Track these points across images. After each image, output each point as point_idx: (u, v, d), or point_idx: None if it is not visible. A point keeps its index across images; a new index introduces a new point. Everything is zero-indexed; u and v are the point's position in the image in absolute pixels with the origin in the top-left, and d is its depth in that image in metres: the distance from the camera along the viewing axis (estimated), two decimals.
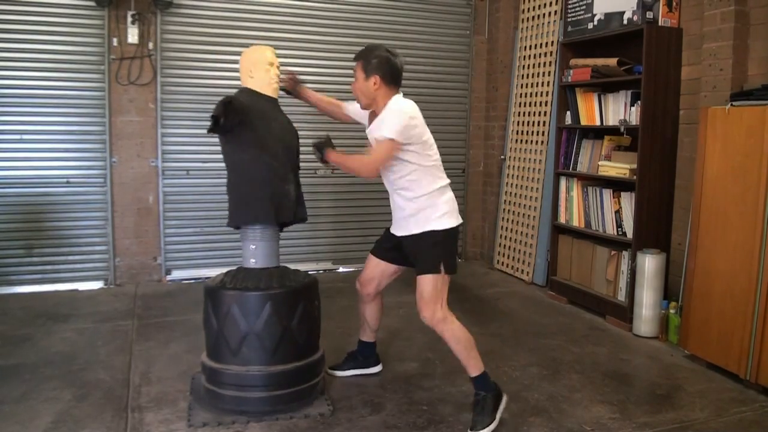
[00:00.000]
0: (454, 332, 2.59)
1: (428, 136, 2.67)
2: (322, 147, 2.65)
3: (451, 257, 2.66)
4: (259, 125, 2.68)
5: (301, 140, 2.94)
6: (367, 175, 2.65)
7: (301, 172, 2.94)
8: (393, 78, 2.65)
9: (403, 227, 2.73)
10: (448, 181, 2.73)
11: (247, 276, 2.71)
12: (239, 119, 2.57)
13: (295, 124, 2.93)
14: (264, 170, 2.69)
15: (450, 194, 2.72)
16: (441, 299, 2.59)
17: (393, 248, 2.85)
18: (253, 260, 2.76)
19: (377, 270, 2.93)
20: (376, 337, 3.15)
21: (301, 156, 2.94)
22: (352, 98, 2.87)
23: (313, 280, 2.85)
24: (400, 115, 2.57)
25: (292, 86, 3.04)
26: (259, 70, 2.77)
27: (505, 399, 2.65)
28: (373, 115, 2.75)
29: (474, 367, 2.61)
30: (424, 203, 2.64)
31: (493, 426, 2.55)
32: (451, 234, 2.67)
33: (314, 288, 2.84)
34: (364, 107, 2.77)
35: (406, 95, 2.72)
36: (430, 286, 2.58)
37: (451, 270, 2.63)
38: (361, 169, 2.67)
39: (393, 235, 2.81)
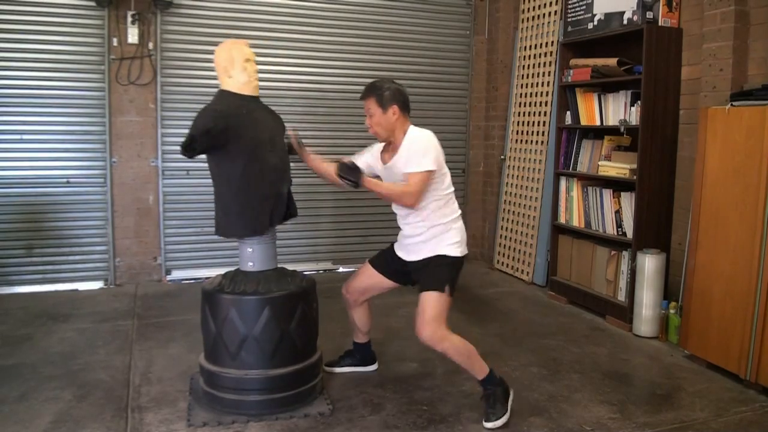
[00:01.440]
0: (455, 347, 2.62)
1: (445, 165, 2.72)
2: (355, 173, 2.57)
3: (454, 282, 2.70)
4: (245, 133, 2.60)
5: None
6: (407, 204, 2.65)
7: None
8: (407, 106, 2.70)
9: (414, 252, 2.76)
10: (459, 212, 2.79)
11: (245, 279, 2.70)
12: (211, 142, 2.53)
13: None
14: (256, 180, 2.64)
15: (461, 224, 2.78)
16: (442, 319, 2.61)
17: (395, 268, 2.89)
18: (251, 263, 2.75)
19: (371, 281, 2.96)
20: (370, 337, 3.17)
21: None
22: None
23: (311, 283, 2.84)
24: (430, 145, 2.62)
25: (297, 148, 2.88)
26: (236, 69, 2.67)
27: (512, 393, 2.71)
28: (388, 150, 2.75)
29: (479, 371, 2.67)
30: (438, 231, 2.70)
31: (506, 417, 2.62)
32: (459, 262, 2.74)
33: (312, 291, 2.83)
34: (383, 140, 2.76)
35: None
36: (434, 304, 2.59)
37: (453, 294, 2.67)
38: (402, 198, 2.64)
39: (398, 258, 2.85)
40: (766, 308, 2.91)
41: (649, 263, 3.70)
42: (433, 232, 2.69)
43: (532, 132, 5.08)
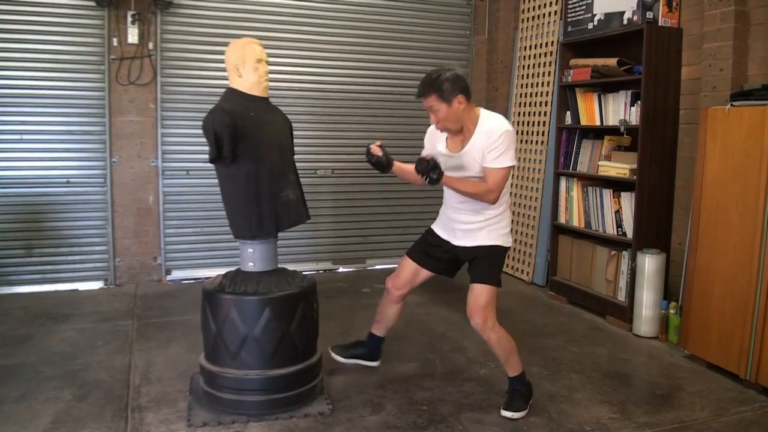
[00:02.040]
0: (499, 339, 2.71)
1: None
2: (435, 169, 2.46)
3: (501, 272, 2.79)
4: (252, 134, 2.59)
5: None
6: (489, 201, 2.62)
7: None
8: (468, 90, 2.59)
9: (466, 237, 2.76)
10: (509, 200, 2.84)
11: (245, 279, 2.70)
12: (236, 142, 2.51)
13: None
14: (260, 183, 2.62)
15: (509, 212, 2.82)
16: (494, 308, 2.69)
17: (435, 255, 2.88)
18: (251, 263, 2.74)
19: (414, 274, 2.94)
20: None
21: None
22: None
23: (312, 284, 2.84)
24: (510, 138, 2.59)
25: (385, 164, 2.64)
26: (247, 69, 2.64)
27: (534, 397, 2.82)
28: (456, 137, 2.68)
29: (514, 368, 2.77)
30: (495, 220, 2.72)
31: (523, 413, 2.70)
32: (507, 252, 2.82)
33: (313, 291, 2.83)
34: (453, 134, 2.68)
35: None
36: (488, 295, 2.66)
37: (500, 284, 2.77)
38: (485, 197, 2.61)
39: (443, 242, 2.84)
40: (766, 308, 2.91)
41: (649, 263, 3.70)
42: (491, 220, 2.71)
43: (532, 132, 5.08)
